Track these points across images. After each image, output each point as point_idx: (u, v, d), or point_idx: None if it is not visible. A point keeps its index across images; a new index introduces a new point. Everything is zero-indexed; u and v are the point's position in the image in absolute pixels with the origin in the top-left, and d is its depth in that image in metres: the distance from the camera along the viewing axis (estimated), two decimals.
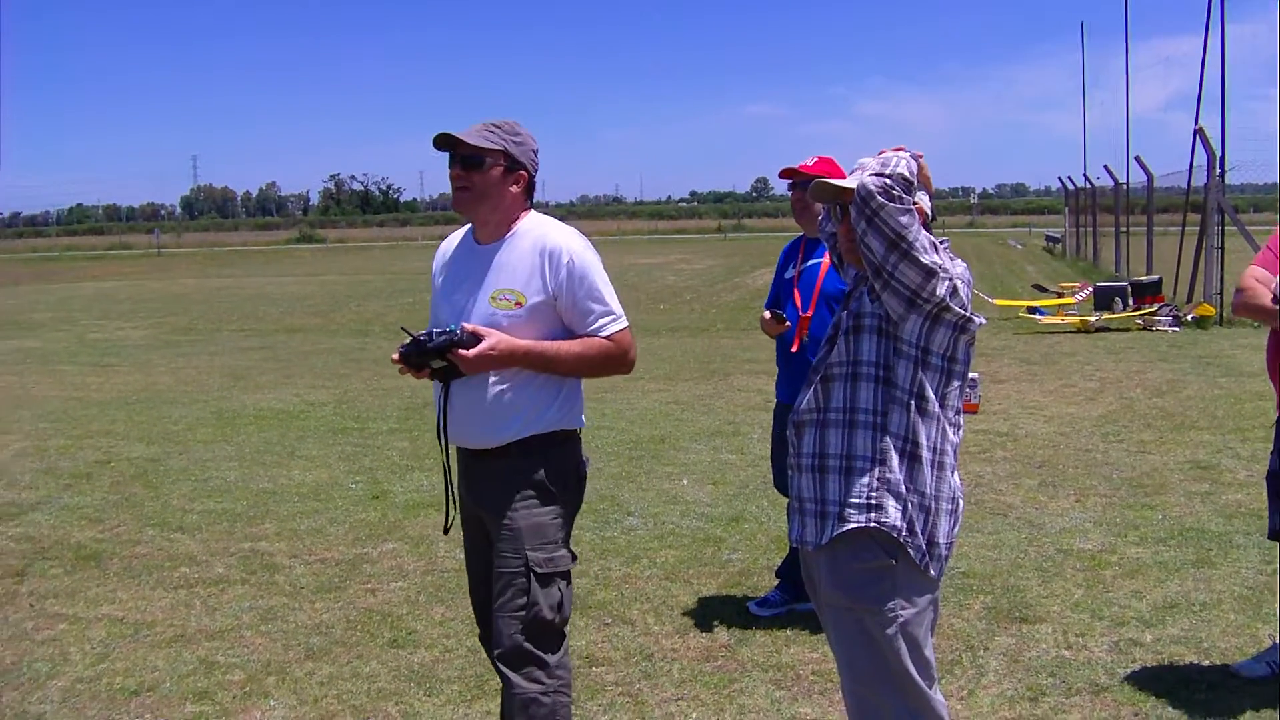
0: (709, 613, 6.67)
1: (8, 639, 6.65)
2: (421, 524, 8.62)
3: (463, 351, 4.17)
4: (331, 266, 55.76)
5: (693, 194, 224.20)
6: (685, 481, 9.71)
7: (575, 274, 4.30)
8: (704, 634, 6.36)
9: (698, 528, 8.33)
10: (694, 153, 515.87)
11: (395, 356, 4.30)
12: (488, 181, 4.30)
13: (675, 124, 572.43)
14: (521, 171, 4.38)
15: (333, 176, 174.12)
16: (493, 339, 4.19)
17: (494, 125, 4.35)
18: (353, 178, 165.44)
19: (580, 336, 4.37)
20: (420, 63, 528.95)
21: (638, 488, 9.53)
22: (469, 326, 4.22)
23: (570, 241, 4.36)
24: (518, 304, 4.28)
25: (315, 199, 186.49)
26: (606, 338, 4.37)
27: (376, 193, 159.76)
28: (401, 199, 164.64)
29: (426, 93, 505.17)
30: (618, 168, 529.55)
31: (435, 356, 4.23)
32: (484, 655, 5.56)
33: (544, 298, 4.29)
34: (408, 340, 4.26)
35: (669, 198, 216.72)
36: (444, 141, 4.32)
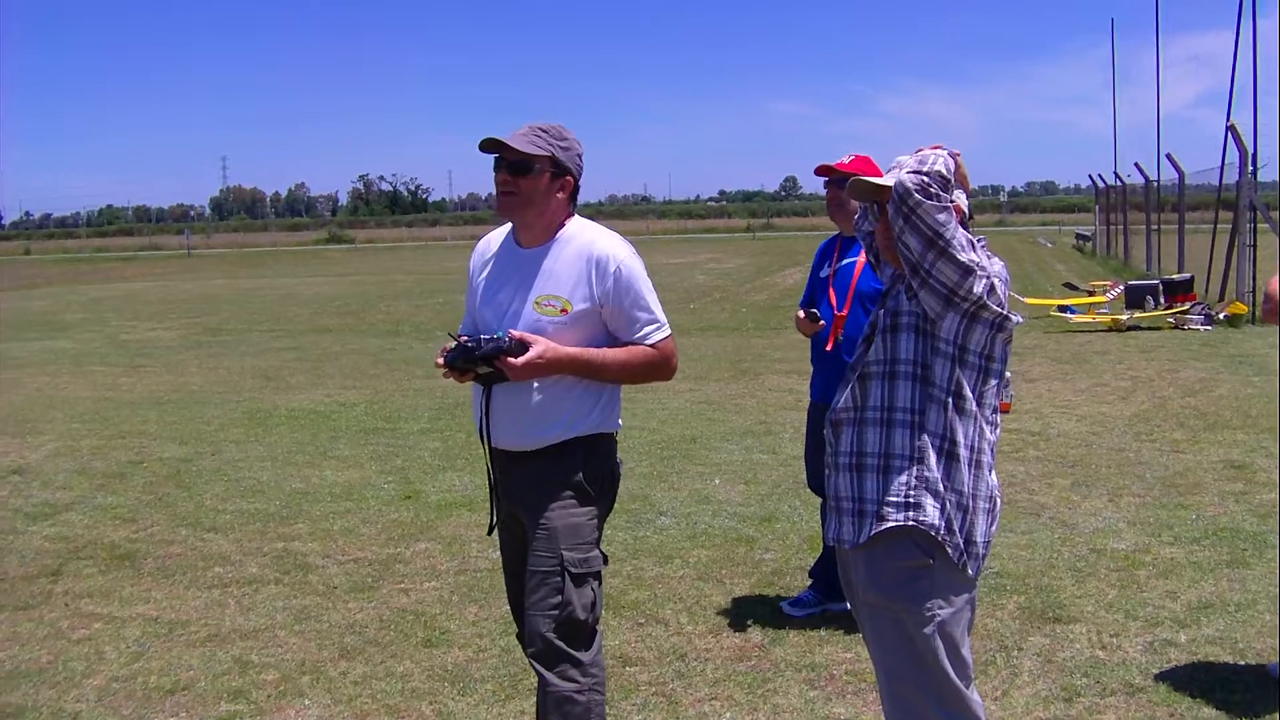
0: (742, 612, 6.67)
1: (44, 638, 6.70)
2: (454, 524, 8.64)
3: (511, 360, 4.18)
4: (361, 267, 55.88)
5: (721, 193, 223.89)
6: (717, 481, 9.71)
7: (623, 282, 4.32)
8: (737, 634, 6.36)
9: (730, 527, 8.33)
10: (722, 151, 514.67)
11: (440, 361, 4.31)
12: (534, 187, 4.31)
13: (703, 123, 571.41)
14: (568, 177, 4.39)
15: (361, 177, 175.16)
16: (540, 347, 4.20)
17: (541, 129, 4.35)
18: (381, 178, 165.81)
19: (624, 343, 4.39)
20: (448, 62, 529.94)
21: (670, 487, 9.53)
22: (516, 333, 4.22)
23: (617, 249, 4.37)
24: (563, 310, 4.29)
25: (344, 199, 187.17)
26: (651, 346, 4.40)
27: (405, 193, 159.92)
28: (430, 199, 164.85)
29: (455, 92, 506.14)
30: (646, 167, 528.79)
31: (482, 363, 4.23)
32: (518, 655, 5.60)
33: (590, 305, 4.31)
34: (453, 345, 4.26)
35: (698, 197, 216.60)
36: (491, 145, 4.33)
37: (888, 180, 3.67)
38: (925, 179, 3.54)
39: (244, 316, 28.91)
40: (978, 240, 3.69)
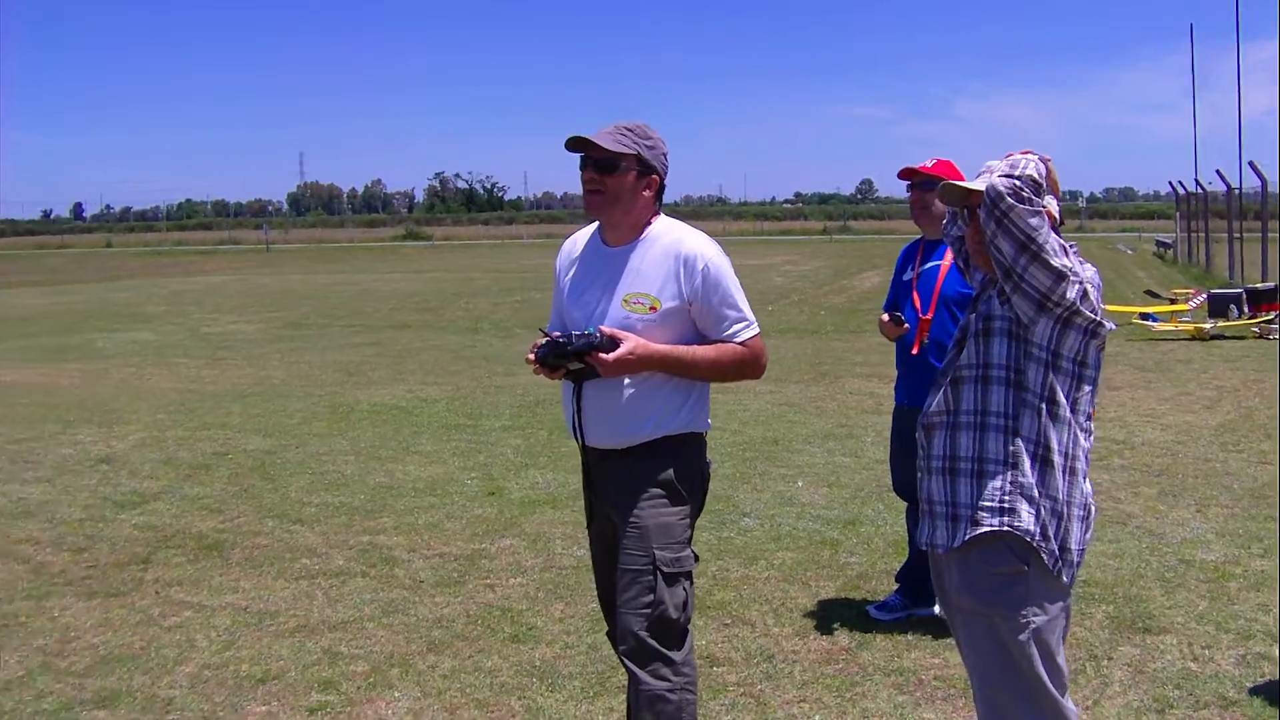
0: (828, 615, 6.66)
1: (135, 624, 6.80)
2: (538, 521, 8.68)
3: (603, 356, 4.21)
4: (438, 264, 56.15)
5: (797, 195, 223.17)
6: (800, 484, 9.68)
7: (710, 280, 4.33)
8: (824, 636, 6.35)
9: (814, 530, 8.31)
10: (797, 153, 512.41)
11: (531, 357, 4.34)
12: (621, 185, 4.34)
13: (778, 125, 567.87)
14: (654, 175, 4.41)
15: (438, 174, 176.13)
16: (631, 343, 4.22)
17: (626, 128, 4.37)
18: (457, 175, 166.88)
19: (713, 342, 4.39)
20: (525, 61, 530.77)
21: (753, 489, 9.52)
22: (606, 330, 4.25)
23: (705, 248, 4.39)
24: (652, 308, 4.31)
25: (420, 196, 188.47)
26: (740, 343, 4.40)
27: (481, 191, 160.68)
28: (506, 197, 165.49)
29: (530, 91, 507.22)
30: (721, 168, 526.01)
31: (573, 359, 4.26)
32: (606, 652, 5.65)
33: (678, 303, 4.32)
34: (544, 341, 4.29)
35: (773, 199, 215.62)
36: (577, 144, 4.36)
37: (978, 184, 3.66)
38: (1017, 183, 3.53)
39: (324, 311, 29.15)
40: (1069, 246, 3.68)
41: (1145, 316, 21.65)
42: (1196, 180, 42.43)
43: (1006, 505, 3.68)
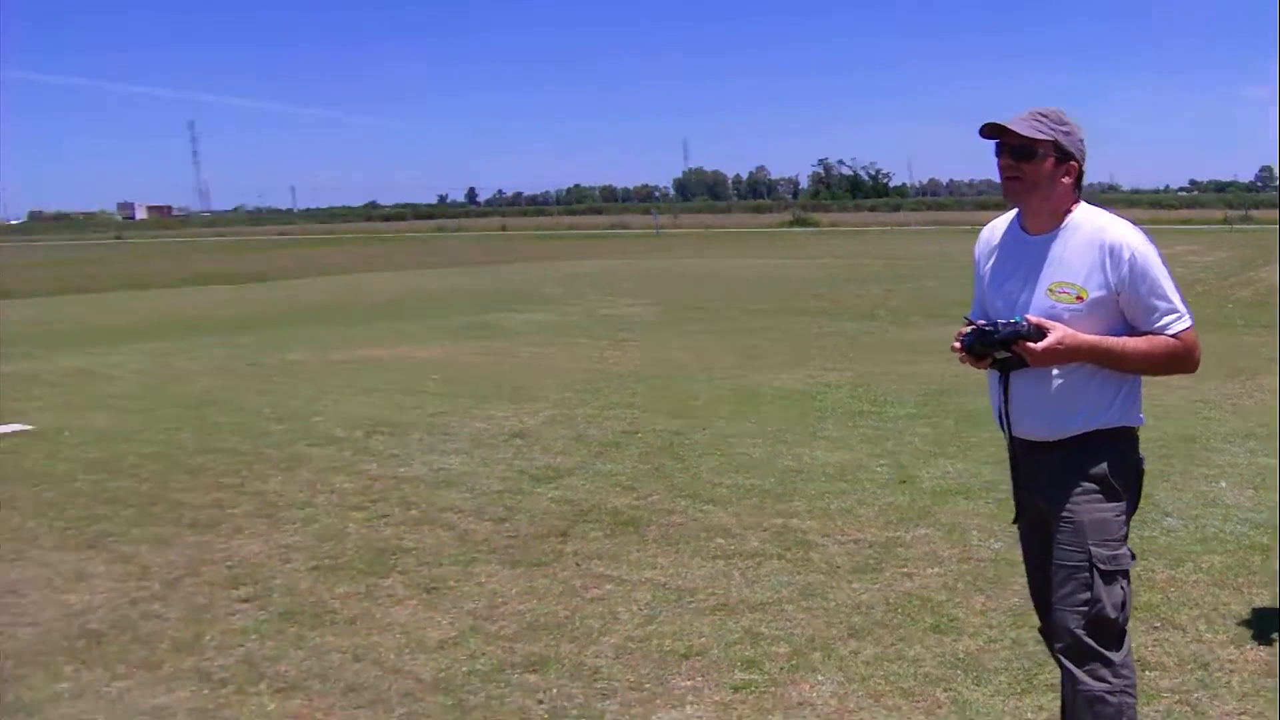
0: (1265, 625, 6.34)
1: (559, 594, 7.05)
2: (952, 511, 8.56)
3: (1031, 345, 4.15)
4: (827, 250, 56.11)
5: (1192, 182, 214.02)
6: (1223, 484, 9.25)
7: (1138, 270, 4.22)
8: (1262, 647, 6.04)
9: (1242, 534, 7.94)
10: (1191, 139, 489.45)
11: (956, 345, 4.32)
12: (1039, 172, 4.26)
13: (1171, 109, 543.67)
14: (1072, 162, 4.33)
15: (821, 161, 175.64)
16: (1060, 333, 4.15)
17: (1041, 114, 4.29)
18: (840, 162, 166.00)
19: (1143, 333, 4.27)
20: (908, 48, 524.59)
21: (1173, 487, 9.14)
22: (1033, 319, 4.18)
23: (1130, 236, 4.27)
24: (1078, 298, 4.22)
25: (805, 183, 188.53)
26: (1172, 336, 4.27)
27: (866, 178, 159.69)
28: (891, 184, 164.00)
29: (913, 77, 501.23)
30: (1112, 154, 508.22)
31: (1000, 347, 4.22)
32: (1032, 648, 5.60)
33: (1105, 293, 4.22)
34: (970, 329, 4.27)
35: (1166, 186, 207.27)
36: (992, 130, 4.32)
37: None
38: None
39: (717, 295, 29.56)
40: None
41: None
42: None
43: None
